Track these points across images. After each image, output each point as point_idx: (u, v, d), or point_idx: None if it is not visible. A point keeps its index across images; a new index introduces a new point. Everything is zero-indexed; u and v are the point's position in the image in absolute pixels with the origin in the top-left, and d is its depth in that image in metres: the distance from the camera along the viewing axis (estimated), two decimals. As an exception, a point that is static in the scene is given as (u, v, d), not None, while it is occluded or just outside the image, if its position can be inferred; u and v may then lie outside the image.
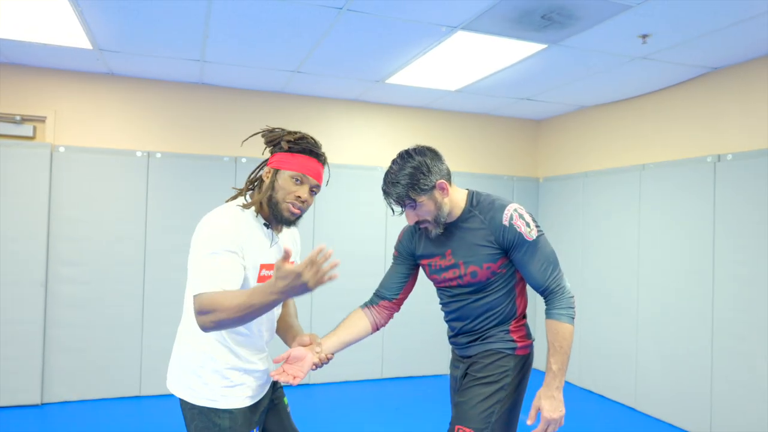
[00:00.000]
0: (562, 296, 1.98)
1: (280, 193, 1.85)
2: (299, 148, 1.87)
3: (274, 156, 1.90)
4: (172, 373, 1.91)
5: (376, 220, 5.33)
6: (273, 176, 1.88)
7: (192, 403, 1.84)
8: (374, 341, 5.31)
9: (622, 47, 3.66)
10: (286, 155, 1.87)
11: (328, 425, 4.11)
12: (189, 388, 1.84)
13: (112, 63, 4.40)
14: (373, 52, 3.94)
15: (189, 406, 1.85)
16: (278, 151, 1.89)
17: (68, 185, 4.49)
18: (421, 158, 1.97)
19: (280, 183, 1.85)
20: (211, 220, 1.79)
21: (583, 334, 5.17)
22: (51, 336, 4.42)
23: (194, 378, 1.84)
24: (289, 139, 1.88)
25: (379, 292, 2.25)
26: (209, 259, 1.70)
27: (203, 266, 1.70)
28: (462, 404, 2.04)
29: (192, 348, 1.85)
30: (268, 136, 1.93)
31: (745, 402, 3.71)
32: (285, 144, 1.87)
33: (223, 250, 1.71)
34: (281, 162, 1.87)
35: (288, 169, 1.86)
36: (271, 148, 1.93)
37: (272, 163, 1.90)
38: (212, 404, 1.82)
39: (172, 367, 1.93)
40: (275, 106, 5.18)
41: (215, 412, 1.82)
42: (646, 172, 4.60)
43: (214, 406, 1.82)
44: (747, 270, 3.73)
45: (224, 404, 1.82)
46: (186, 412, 1.86)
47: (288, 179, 1.85)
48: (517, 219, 1.97)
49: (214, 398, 1.82)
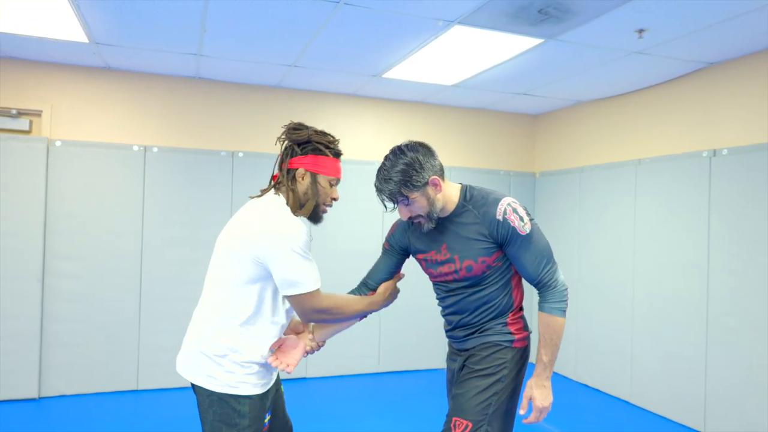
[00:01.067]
0: (555, 290, 2.01)
1: (321, 197, 1.98)
2: (334, 152, 1.98)
3: (308, 158, 1.93)
4: (189, 360, 1.91)
5: (372, 214, 5.34)
6: (312, 180, 1.95)
7: (211, 390, 1.85)
8: (371, 335, 5.33)
9: (618, 42, 3.67)
10: (323, 159, 1.95)
11: (325, 419, 4.13)
12: (209, 376, 1.85)
13: (108, 57, 4.39)
14: (370, 46, 3.94)
15: (207, 393, 1.86)
16: (311, 153, 1.94)
17: (65, 180, 4.49)
18: (413, 155, 1.98)
19: (321, 187, 1.97)
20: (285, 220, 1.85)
21: (579, 328, 5.20)
22: (48, 331, 4.42)
23: (215, 366, 1.85)
24: (326, 144, 1.95)
25: (367, 282, 2.27)
26: (303, 260, 1.83)
27: (301, 266, 1.83)
28: (459, 396, 2.05)
29: (221, 338, 1.86)
30: (296, 135, 1.95)
31: (739, 395, 3.74)
32: (323, 148, 1.93)
33: (306, 248, 1.85)
34: (320, 166, 1.95)
35: (328, 174, 1.97)
36: (298, 147, 1.95)
37: (308, 166, 1.94)
38: (233, 391, 1.84)
39: (188, 354, 1.93)
40: (272, 100, 5.17)
41: (236, 399, 1.85)
42: (642, 167, 4.61)
43: (235, 392, 1.85)
44: (742, 264, 3.75)
45: (245, 391, 1.85)
46: (203, 399, 1.88)
47: (326, 183, 1.97)
48: (511, 213, 1.97)
49: (236, 385, 1.85)
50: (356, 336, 5.17)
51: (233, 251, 1.86)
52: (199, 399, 1.90)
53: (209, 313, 1.90)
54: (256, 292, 1.86)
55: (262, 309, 1.87)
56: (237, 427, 1.84)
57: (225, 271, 1.88)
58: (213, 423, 1.86)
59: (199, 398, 1.89)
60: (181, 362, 1.96)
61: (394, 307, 5.19)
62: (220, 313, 1.87)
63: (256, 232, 1.83)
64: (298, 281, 1.83)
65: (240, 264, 1.84)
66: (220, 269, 1.91)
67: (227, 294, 1.87)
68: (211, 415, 1.86)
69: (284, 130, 1.97)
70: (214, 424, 1.86)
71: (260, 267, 1.83)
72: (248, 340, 1.86)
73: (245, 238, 1.85)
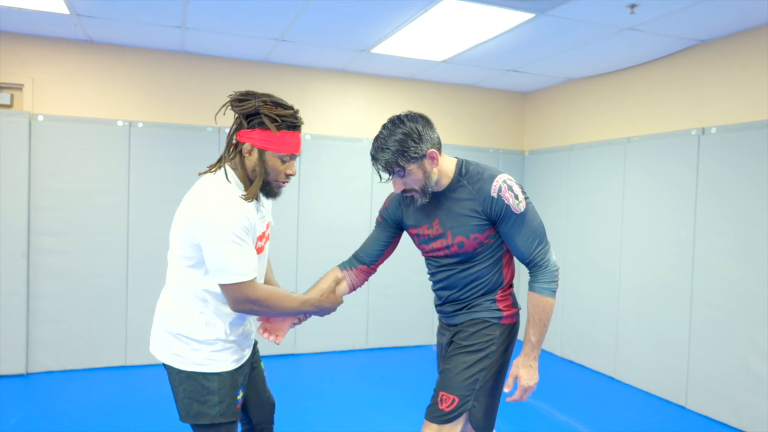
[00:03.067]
0: (545, 270, 1.99)
1: (272, 174, 1.83)
2: (285, 126, 1.79)
3: (254, 132, 1.78)
4: (158, 340, 1.91)
5: (360, 191, 5.32)
6: (261, 157, 1.80)
7: (179, 369, 1.84)
8: (359, 311, 5.35)
9: (609, 18, 3.64)
10: (270, 134, 1.77)
11: (313, 394, 4.15)
12: (176, 354, 1.84)
13: (90, 29, 4.28)
14: (359, 19, 3.87)
15: (176, 371, 1.85)
16: (258, 127, 1.77)
17: (48, 155, 4.41)
18: (412, 125, 1.93)
19: (270, 164, 1.82)
20: (221, 201, 1.73)
21: (565, 304, 5.24)
22: (34, 307, 4.39)
23: (181, 345, 1.84)
24: (273, 118, 1.77)
25: (358, 256, 2.25)
26: (237, 246, 1.72)
27: (233, 253, 1.71)
28: (446, 371, 2.06)
29: (182, 316, 1.84)
30: (241, 107, 1.78)
31: (722, 372, 3.81)
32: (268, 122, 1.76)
33: (243, 234, 1.73)
34: (267, 142, 1.78)
35: (277, 151, 1.80)
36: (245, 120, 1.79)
37: (255, 141, 1.78)
38: (201, 369, 1.83)
39: (156, 333, 1.92)
40: (259, 75, 5.10)
41: (204, 376, 1.83)
42: (631, 145, 4.62)
43: (203, 370, 1.83)
44: (729, 242, 3.79)
45: (213, 368, 1.84)
46: (173, 377, 1.87)
47: (277, 160, 1.82)
48: (506, 191, 1.94)
49: (203, 363, 1.83)
50: (344, 312, 5.17)
51: (178, 231, 1.80)
52: (170, 377, 1.89)
53: (171, 292, 1.88)
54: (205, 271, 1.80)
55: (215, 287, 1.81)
56: (207, 404, 1.83)
57: (176, 250, 1.83)
58: (183, 400, 1.85)
59: (170, 376, 1.89)
60: (152, 342, 1.95)
61: (381, 284, 5.23)
62: (179, 292, 1.85)
63: (193, 214, 1.74)
64: (225, 269, 1.73)
65: (187, 245, 1.78)
66: (173, 249, 1.86)
67: (182, 274, 1.83)
68: (182, 392, 1.85)
69: (228, 101, 1.81)
70: (185, 401, 1.85)
71: (199, 250, 1.76)
72: (210, 319, 1.84)
73: (186, 219, 1.77)
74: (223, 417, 1.85)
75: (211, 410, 1.83)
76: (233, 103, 1.80)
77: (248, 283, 1.76)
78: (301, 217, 5.13)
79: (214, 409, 1.83)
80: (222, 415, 1.84)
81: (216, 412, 1.84)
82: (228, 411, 1.86)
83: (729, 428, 3.73)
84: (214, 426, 1.85)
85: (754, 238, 3.62)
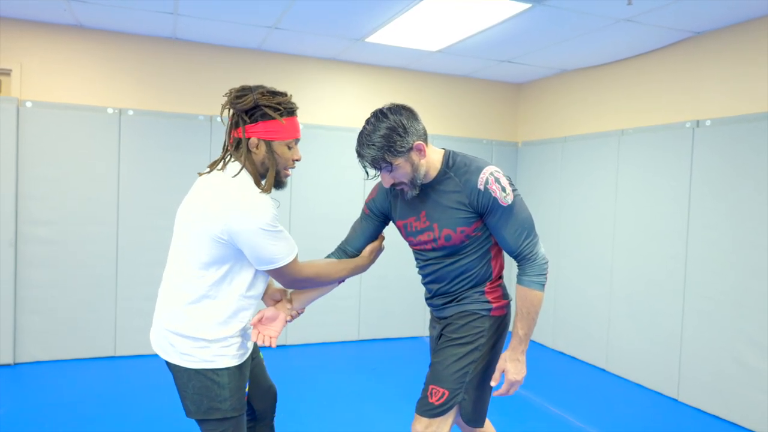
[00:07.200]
0: (534, 263, 1.96)
1: (280, 163, 1.87)
2: (287, 111, 1.84)
3: (258, 125, 1.80)
4: (162, 340, 1.87)
5: (353, 181, 5.28)
6: (269, 148, 1.83)
7: (187, 367, 1.83)
8: (351, 303, 5.33)
9: (606, 8, 3.60)
10: (275, 124, 1.80)
11: (305, 385, 4.14)
12: (183, 353, 1.82)
13: (80, 14, 4.21)
14: (353, 7, 3.82)
15: (183, 369, 1.84)
16: (261, 119, 1.80)
17: (37, 142, 4.34)
18: (396, 118, 1.88)
19: (278, 153, 1.85)
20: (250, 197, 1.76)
21: (557, 296, 5.24)
22: (22, 296, 4.34)
23: (189, 344, 1.82)
24: (274, 107, 1.80)
25: (344, 247, 2.23)
26: (277, 234, 1.78)
27: (276, 240, 1.78)
28: (436, 365, 2.04)
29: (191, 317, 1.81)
30: (241, 103, 1.79)
31: (714, 364, 3.82)
32: (272, 112, 1.79)
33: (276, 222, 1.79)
34: (273, 132, 1.81)
35: (284, 138, 1.84)
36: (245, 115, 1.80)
37: (260, 134, 1.81)
38: (210, 365, 1.82)
39: (160, 333, 1.88)
40: (252, 63, 5.04)
41: (213, 372, 1.83)
42: (625, 137, 4.60)
43: (213, 366, 1.82)
44: (721, 235, 3.78)
45: (222, 363, 1.83)
46: (180, 374, 1.85)
47: (285, 147, 1.86)
48: (493, 183, 1.91)
49: (212, 359, 1.82)
50: (336, 304, 5.17)
51: (196, 232, 1.78)
52: (175, 375, 1.87)
53: (178, 292, 1.84)
54: (224, 270, 1.80)
55: (232, 287, 1.82)
56: (218, 399, 1.83)
57: (189, 250, 1.80)
58: (193, 396, 1.84)
59: (176, 374, 1.87)
60: (154, 341, 1.92)
61: (374, 276, 5.21)
62: (189, 292, 1.81)
63: (219, 212, 1.73)
64: (273, 258, 1.80)
65: (205, 244, 1.76)
66: (183, 249, 1.83)
67: (194, 274, 1.80)
68: (191, 388, 1.84)
69: (227, 100, 1.83)
70: (195, 397, 1.84)
71: (225, 246, 1.76)
72: (219, 318, 1.82)
73: (209, 218, 1.75)
74: (234, 411, 1.85)
75: (223, 405, 1.83)
76: (233, 101, 1.82)
77: (293, 263, 1.86)
78: (294, 207, 5.09)
79: (225, 403, 1.83)
80: (234, 409, 1.85)
81: (228, 406, 1.84)
82: (239, 404, 1.87)
83: (721, 420, 3.75)
84: (226, 420, 1.85)
85: (747, 230, 3.62)
